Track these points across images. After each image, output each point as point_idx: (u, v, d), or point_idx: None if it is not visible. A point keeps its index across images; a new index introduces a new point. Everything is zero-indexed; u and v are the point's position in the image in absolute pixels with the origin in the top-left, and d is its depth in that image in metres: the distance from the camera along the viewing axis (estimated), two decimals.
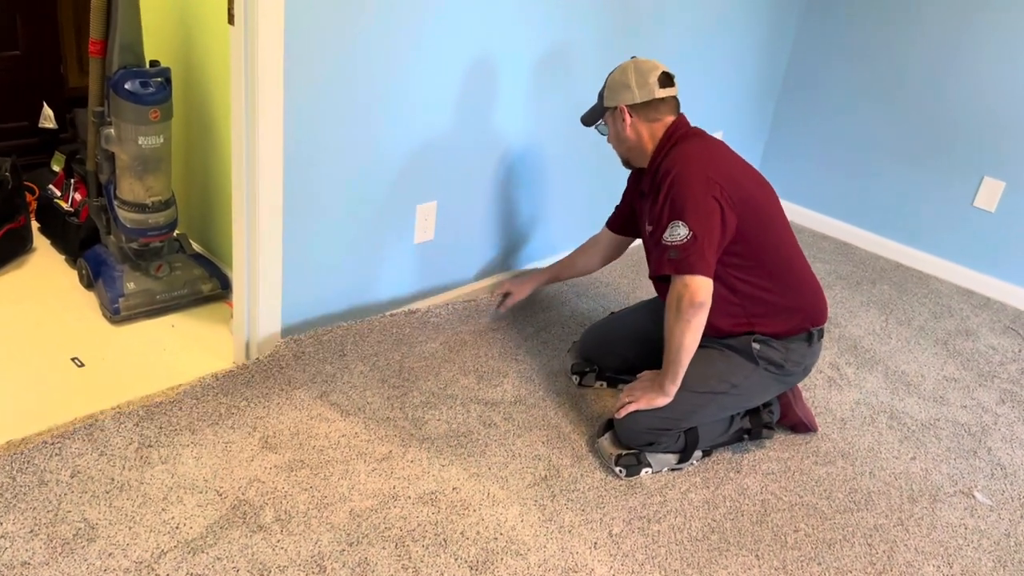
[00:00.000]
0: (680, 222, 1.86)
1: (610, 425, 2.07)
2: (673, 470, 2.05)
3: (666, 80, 2.03)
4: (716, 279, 1.91)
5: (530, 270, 2.81)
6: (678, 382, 1.95)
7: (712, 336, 2.01)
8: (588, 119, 2.18)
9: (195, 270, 2.46)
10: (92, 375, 2.10)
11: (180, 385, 2.05)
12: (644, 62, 2.05)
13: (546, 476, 1.95)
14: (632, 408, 1.98)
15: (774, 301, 2.02)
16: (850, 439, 2.25)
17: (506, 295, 2.53)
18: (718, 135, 3.48)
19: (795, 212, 3.68)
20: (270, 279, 2.07)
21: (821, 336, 2.10)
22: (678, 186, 1.90)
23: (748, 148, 3.77)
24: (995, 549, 1.92)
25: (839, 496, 2.02)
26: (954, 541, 1.93)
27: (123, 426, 1.84)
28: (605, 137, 2.16)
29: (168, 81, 2.22)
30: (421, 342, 2.38)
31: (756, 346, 2.02)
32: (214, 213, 2.54)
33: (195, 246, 2.62)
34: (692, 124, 2.08)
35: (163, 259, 2.43)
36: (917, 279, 3.32)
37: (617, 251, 2.46)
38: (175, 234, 2.46)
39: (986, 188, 3.22)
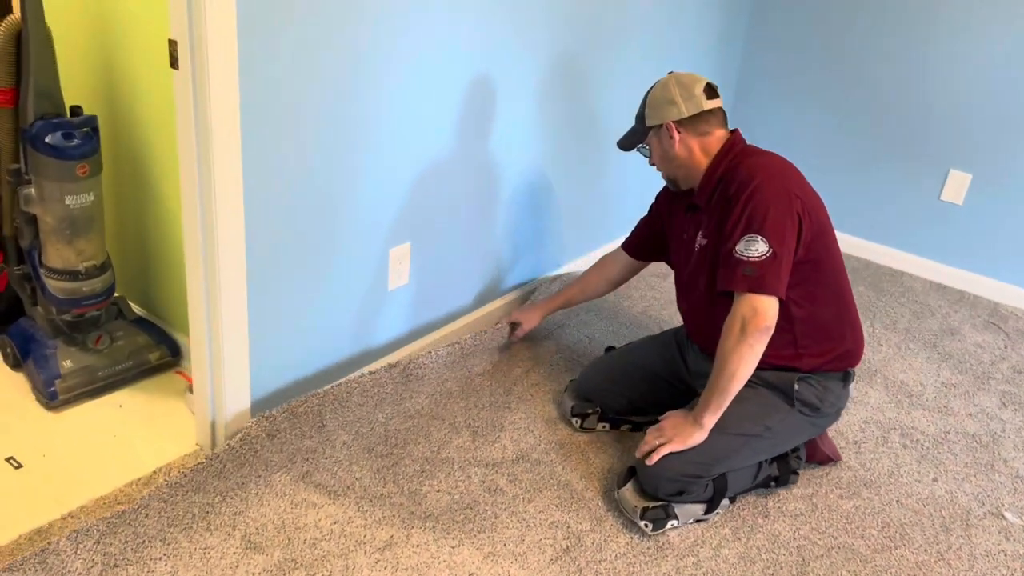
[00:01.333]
0: (759, 237, 1.73)
1: (631, 473, 1.89)
2: (699, 521, 1.89)
3: (711, 91, 1.92)
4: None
5: (537, 298, 2.65)
6: (718, 415, 1.80)
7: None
8: (628, 143, 2.03)
9: (139, 338, 2.18)
10: (33, 477, 1.81)
11: (140, 479, 1.79)
12: (684, 75, 1.94)
13: (567, 547, 1.76)
14: (665, 451, 1.80)
15: (827, 329, 1.90)
16: (868, 464, 2.13)
17: (514, 324, 2.42)
18: None
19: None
20: (235, 353, 1.82)
21: (853, 378, 1.99)
22: (759, 199, 1.76)
23: None
24: None
25: (873, 533, 1.90)
26: (998, 572, 1.83)
27: (82, 546, 1.57)
28: (647, 160, 2.02)
29: (95, 130, 1.95)
30: (405, 399, 2.16)
31: (797, 386, 1.88)
32: (155, 271, 2.26)
33: (136, 309, 2.33)
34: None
35: (102, 329, 2.14)
36: (890, 277, 3.26)
37: (631, 275, 2.35)
38: (112, 299, 2.18)
39: (953, 181, 3.18)
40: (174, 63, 1.54)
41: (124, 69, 2.06)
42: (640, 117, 1.98)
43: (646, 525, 1.82)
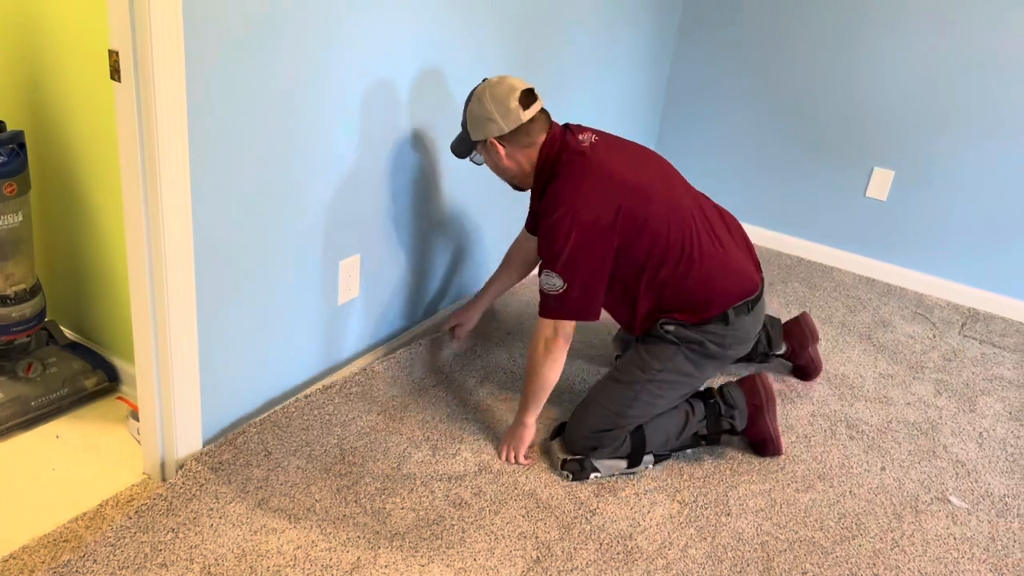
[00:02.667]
0: (553, 273, 1.88)
1: (561, 428, 2.08)
2: (624, 474, 2.02)
3: (527, 98, 1.92)
4: (616, 292, 1.98)
5: (470, 298, 2.59)
6: (536, 412, 2.02)
7: (626, 329, 2.09)
8: (460, 151, 2.05)
9: (74, 364, 2.07)
10: None
11: (86, 513, 1.70)
12: (498, 85, 1.92)
13: (538, 558, 1.75)
14: (517, 455, 2.02)
15: (689, 294, 1.98)
16: (820, 457, 2.19)
17: (454, 328, 2.42)
18: None
19: None
20: (186, 388, 1.74)
21: (748, 309, 2.02)
22: (553, 235, 1.87)
23: None
24: (987, 556, 1.90)
25: (831, 524, 1.95)
26: (950, 555, 1.89)
27: None
28: (480, 164, 2.08)
29: (22, 147, 1.84)
30: (356, 417, 2.10)
31: (668, 328, 1.99)
32: (88, 293, 2.15)
33: (69, 334, 2.21)
34: (560, 125, 2.00)
35: (32, 356, 2.03)
36: (821, 272, 3.37)
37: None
38: (43, 324, 2.06)
39: (877, 178, 3.30)
40: (115, 75, 1.46)
41: (52, 81, 1.95)
42: (464, 127, 1.99)
43: (566, 476, 1.99)
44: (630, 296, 2.00)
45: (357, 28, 1.86)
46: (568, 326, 1.93)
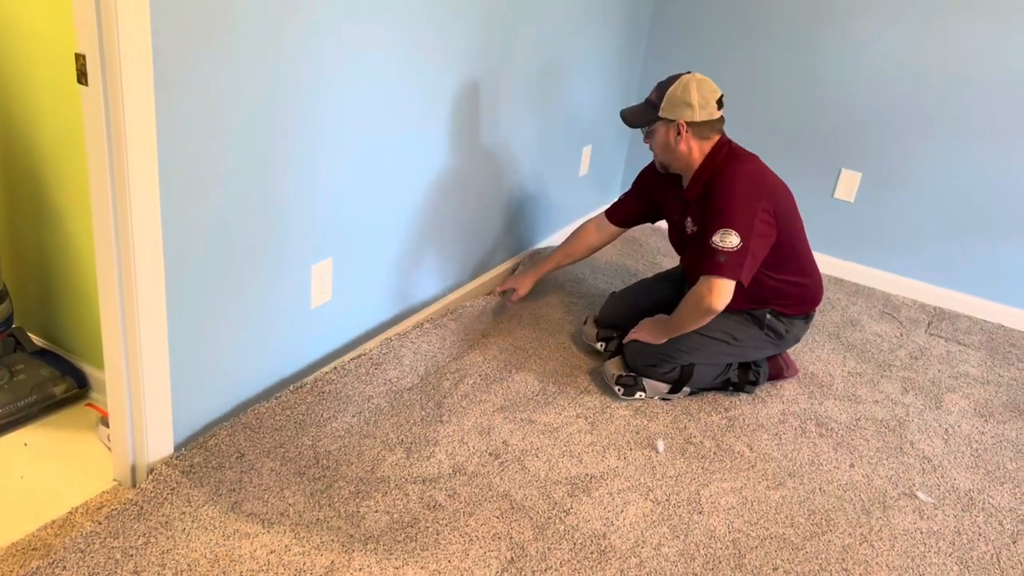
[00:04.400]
0: (733, 231, 2.13)
1: (619, 351, 2.40)
2: (663, 399, 2.37)
3: (720, 103, 2.27)
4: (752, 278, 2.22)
5: (528, 266, 2.84)
6: (665, 338, 2.32)
7: (732, 308, 2.26)
8: (636, 122, 2.33)
9: (42, 370, 2.05)
10: None
11: (55, 521, 1.68)
12: (704, 81, 2.26)
13: (512, 558, 1.75)
14: (634, 336, 2.37)
15: (791, 292, 2.36)
16: (790, 455, 2.22)
17: (505, 292, 2.71)
18: (586, 149, 3.41)
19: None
20: (156, 393, 1.73)
21: (814, 316, 2.50)
22: (737, 198, 2.16)
23: (611, 160, 3.73)
24: (953, 550, 1.94)
25: (801, 521, 1.98)
26: (917, 549, 1.93)
27: None
28: (644, 138, 2.36)
29: None
30: (330, 418, 2.10)
31: (768, 317, 2.36)
32: (56, 298, 2.12)
33: (37, 341, 2.18)
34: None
35: None
36: None
37: (611, 240, 2.69)
38: (10, 331, 2.04)
39: (844, 180, 3.35)
40: (82, 78, 1.45)
41: (18, 85, 1.92)
42: (653, 104, 2.28)
43: (619, 389, 2.34)
44: (762, 285, 2.29)
45: (333, 31, 1.86)
46: (728, 290, 2.14)
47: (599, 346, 2.57)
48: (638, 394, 2.34)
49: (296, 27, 1.77)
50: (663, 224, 2.78)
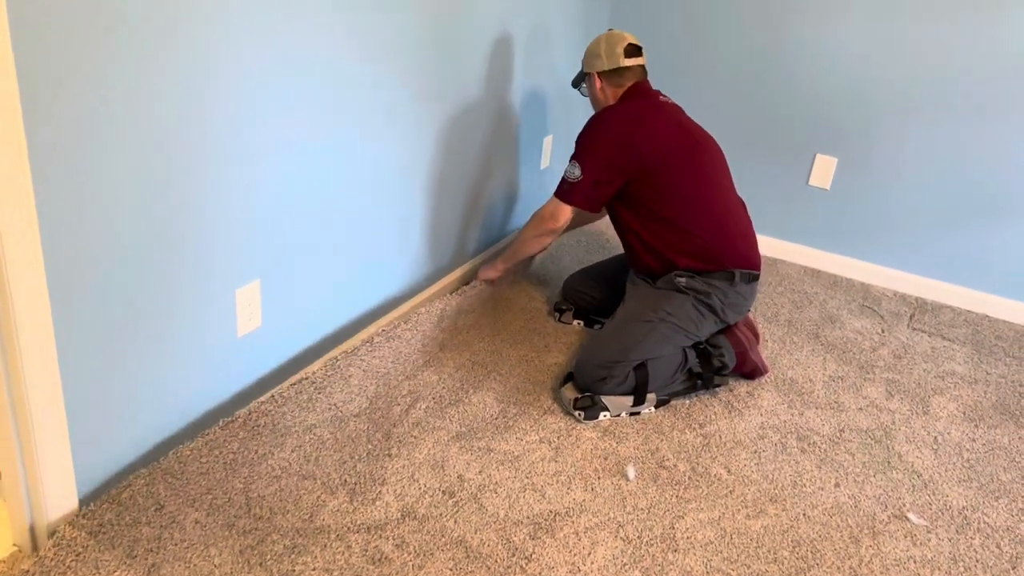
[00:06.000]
0: (576, 163, 2.28)
1: (569, 377, 2.26)
2: (632, 414, 2.21)
3: (632, 50, 2.36)
4: (633, 228, 2.33)
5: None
6: (508, 264, 2.58)
7: (645, 275, 2.38)
8: (574, 82, 2.54)
9: None
10: None
11: None
12: (615, 34, 2.38)
13: None
14: (481, 277, 2.63)
15: (687, 241, 2.29)
16: (771, 475, 2.05)
17: (487, 281, 2.70)
18: (547, 139, 3.20)
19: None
20: (52, 440, 1.50)
21: (748, 280, 2.33)
22: (589, 131, 2.30)
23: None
24: None
25: (785, 555, 1.80)
26: None
27: None
28: (585, 95, 2.51)
29: None
30: (265, 456, 1.89)
31: (680, 280, 2.29)
32: None
33: None
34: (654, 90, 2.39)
35: None
36: (767, 265, 3.24)
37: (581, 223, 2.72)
38: None
39: (819, 166, 3.18)
40: None
41: None
42: (582, 63, 2.46)
43: (579, 414, 2.17)
44: (653, 235, 2.31)
45: (252, 32, 1.63)
46: (565, 214, 2.34)
47: (555, 315, 2.67)
48: (601, 415, 2.17)
49: (215, 24, 1.53)
50: None
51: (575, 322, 2.65)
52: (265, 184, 1.82)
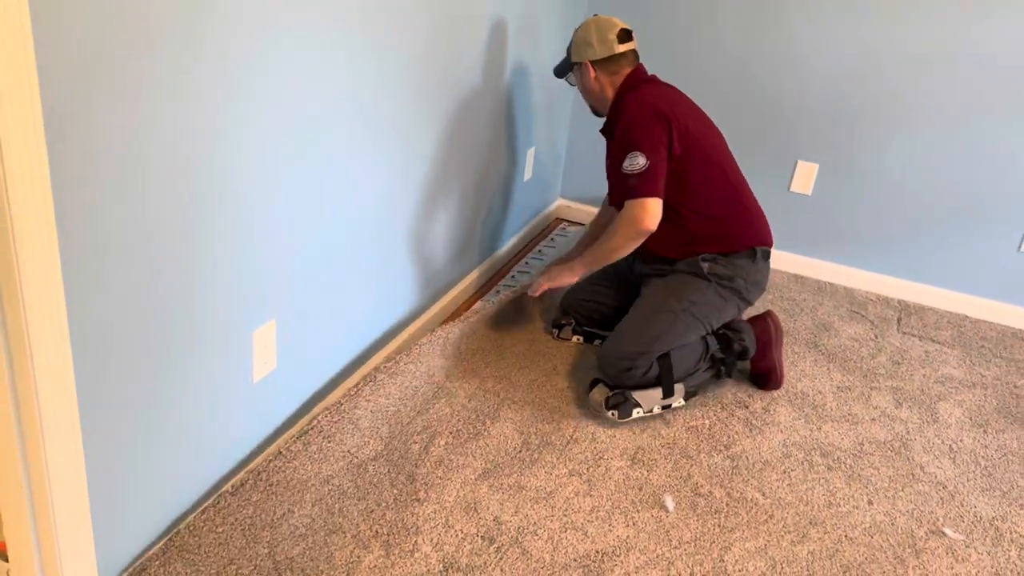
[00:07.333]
0: (637, 152, 2.13)
1: (596, 381, 2.22)
2: (664, 408, 2.21)
3: (624, 36, 2.28)
4: (665, 214, 2.19)
5: (563, 259, 2.66)
6: (590, 269, 2.34)
7: (665, 264, 2.31)
8: (559, 71, 2.43)
9: None
10: None
11: None
12: (604, 20, 2.29)
13: None
14: (543, 288, 2.36)
15: (717, 223, 2.26)
16: (805, 497, 2.01)
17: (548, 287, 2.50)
18: (530, 152, 3.11)
19: None
20: (74, 530, 1.34)
21: (766, 257, 2.33)
22: (633, 119, 2.18)
23: (553, 162, 3.45)
24: None
25: None
26: None
27: None
28: (575, 87, 2.45)
29: None
30: (286, 515, 1.74)
31: (704, 264, 2.25)
32: None
33: None
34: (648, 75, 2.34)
35: None
36: None
37: None
38: None
39: (801, 172, 3.18)
40: None
41: None
42: (568, 52, 2.36)
43: (612, 413, 2.14)
44: (679, 217, 2.23)
45: (263, 72, 1.48)
46: (655, 208, 2.13)
47: (553, 332, 2.58)
48: (635, 411, 2.16)
49: (226, 71, 1.39)
50: None
51: (574, 338, 2.56)
52: (280, 226, 1.67)
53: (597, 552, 1.76)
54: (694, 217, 2.25)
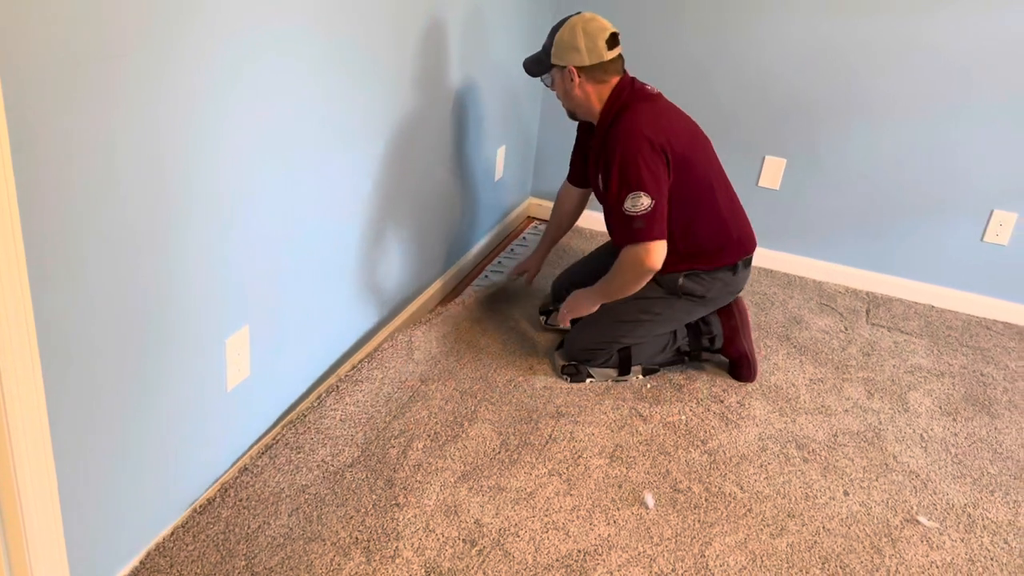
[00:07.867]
0: (641, 192, 2.04)
1: (562, 343, 2.37)
2: (616, 381, 2.34)
3: (613, 41, 2.14)
4: None
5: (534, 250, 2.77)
6: (600, 304, 2.29)
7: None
8: (534, 70, 2.27)
9: None
10: None
11: None
12: (592, 23, 2.14)
13: None
14: (571, 317, 2.34)
15: (705, 245, 2.24)
16: (782, 489, 2.03)
17: (520, 274, 2.71)
18: (501, 150, 3.10)
19: (583, 218, 3.43)
20: (47, 555, 1.30)
21: (747, 264, 2.33)
22: (631, 156, 2.05)
23: (524, 159, 3.44)
24: None
25: (816, 572, 1.78)
26: None
27: None
28: (549, 87, 2.27)
29: None
30: (262, 525, 1.71)
31: (681, 280, 2.25)
32: None
33: None
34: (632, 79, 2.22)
35: None
36: None
37: (585, 199, 2.63)
38: None
39: (769, 167, 3.20)
40: None
41: None
42: (547, 51, 2.19)
43: (566, 378, 2.31)
44: (669, 240, 2.14)
45: (237, 80, 1.45)
46: (660, 251, 2.08)
47: (541, 319, 2.62)
48: (587, 380, 2.32)
49: (198, 80, 1.36)
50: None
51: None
52: (251, 226, 1.65)
53: (579, 551, 1.76)
54: (682, 241, 2.21)
